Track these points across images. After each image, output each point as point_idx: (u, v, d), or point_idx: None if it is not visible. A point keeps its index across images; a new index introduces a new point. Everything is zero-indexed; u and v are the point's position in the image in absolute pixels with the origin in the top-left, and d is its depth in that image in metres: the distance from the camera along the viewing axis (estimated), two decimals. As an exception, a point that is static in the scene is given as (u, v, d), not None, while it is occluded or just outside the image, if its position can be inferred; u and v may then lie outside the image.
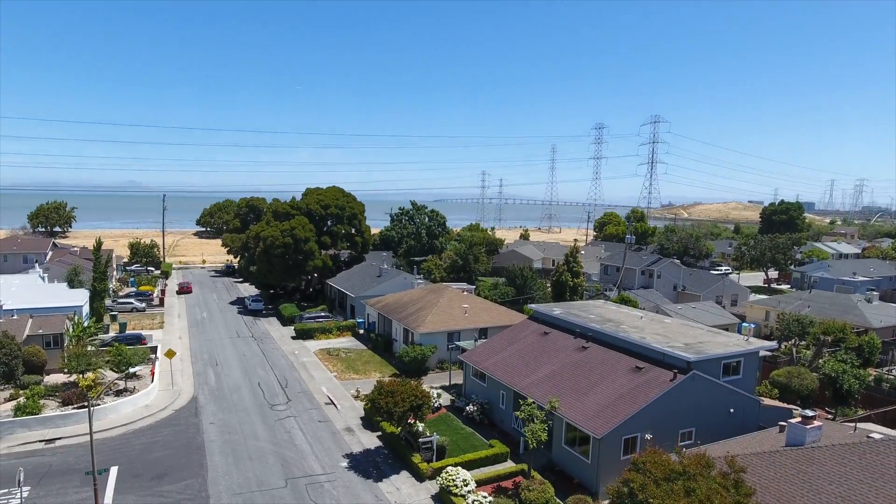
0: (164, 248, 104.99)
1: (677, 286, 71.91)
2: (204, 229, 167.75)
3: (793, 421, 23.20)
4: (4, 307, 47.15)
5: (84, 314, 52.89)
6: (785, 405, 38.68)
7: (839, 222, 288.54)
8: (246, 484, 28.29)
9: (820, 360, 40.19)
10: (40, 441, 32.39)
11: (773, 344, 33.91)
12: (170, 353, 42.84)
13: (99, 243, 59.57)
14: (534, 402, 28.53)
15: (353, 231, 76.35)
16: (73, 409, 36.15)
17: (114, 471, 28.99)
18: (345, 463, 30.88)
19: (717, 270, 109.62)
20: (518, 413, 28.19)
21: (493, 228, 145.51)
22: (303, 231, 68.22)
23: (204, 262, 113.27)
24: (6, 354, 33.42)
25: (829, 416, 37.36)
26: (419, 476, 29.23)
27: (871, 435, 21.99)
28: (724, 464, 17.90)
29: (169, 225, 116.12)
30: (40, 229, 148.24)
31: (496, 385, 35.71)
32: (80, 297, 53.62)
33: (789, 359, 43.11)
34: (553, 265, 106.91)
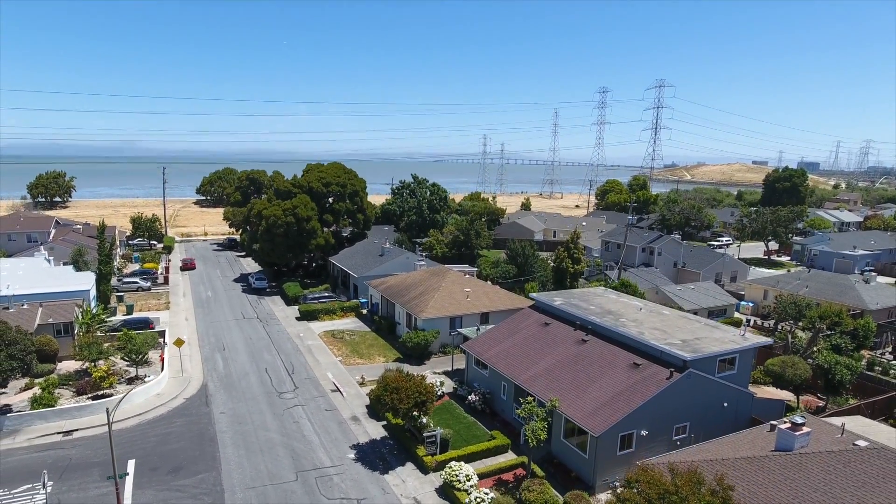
0: (165, 222, 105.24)
1: (677, 263, 72.46)
2: (204, 198, 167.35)
3: (782, 427, 24.10)
4: (15, 294, 47.86)
5: (91, 297, 53.73)
6: (778, 393, 39.86)
7: (843, 186, 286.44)
8: (258, 477, 29.60)
9: (814, 348, 41.06)
10: (58, 433, 33.64)
11: (769, 340, 34.63)
12: (179, 342, 43.81)
13: (103, 226, 59.87)
14: (534, 400, 29.49)
15: (354, 208, 76.41)
16: (88, 398, 37.37)
17: (131, 464, 30.27)
18: (352, 454, 32.17)
19: (719, 241, 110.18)
20: (519, 411, 29.18)
21: (494, 197, 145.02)
22: (305, 210, 68.36)
23: (206, 234, 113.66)
24: (21, 350, 34.30)
25: (821, 403, 38.56)
26: (424, 468, 30.50)
27: (856, 443, 22.91)
28: (713, 481, 18.81)
29: (169, 192, 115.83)
30: (40, 199, 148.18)
31: (497, 376, 36.70)
32: (86, 281, 54.27)
33: (784, 344, 44.03)
34: (554, 236, 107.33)
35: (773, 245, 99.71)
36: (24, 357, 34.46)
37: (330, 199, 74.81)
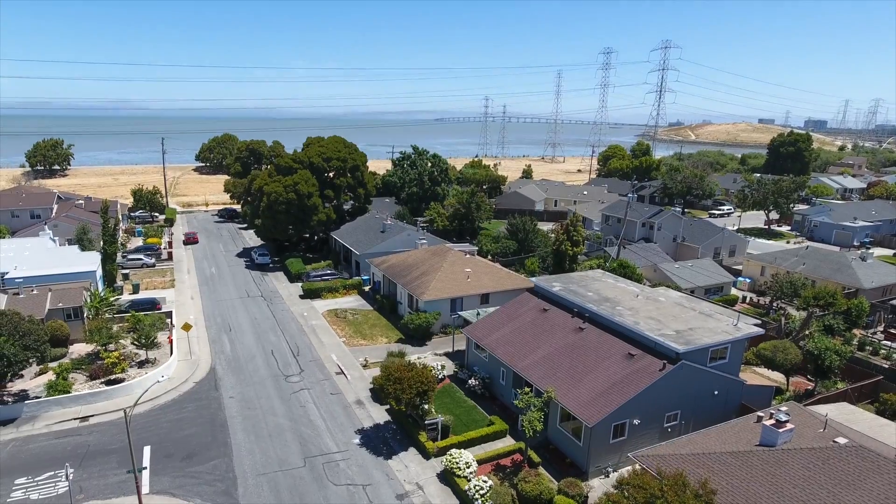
0: (166, 193, 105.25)
1: (677, 237, 72.88)
2: (204, 164, 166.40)
3: (767, 423, 25.21)
4: (24, 276, 48.74)
5: (98, 278, 54.67)
6: (769, 375, 41.13)
7: (849, 147, 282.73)
8: (268, 464, 31.11)
9: (807, 332, 42.04)
10: (75, 419, 35.08)
11: (760, 330, 35.52)
12: (186, 327, 44.92)
13: (106, 206, 60.20)
14: (531, 392, 30.63)
15: (355, 182, 76.40)
16: (101, 384, 38.74)
17: (147, 451, 31.75)
18: (357, 439, 33.64)
19: (720, 210, 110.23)
20: (517, 402, 30.38)
21: (495, 164, 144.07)
22: (306, 186, 68.41)
23: (207, 204, 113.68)
24: (35, 340, 35.35)
25: (810, 386, 39.82)
26: (425, 454, 31.96)
27: (837, 440, 24.03)
28: (697, 484, 19.99)
29: (168, 158, 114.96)
30: (39, 167, 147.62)
31: (497, 362, 37.83)
32: (92, 262, 55.00)
33: (777, 326, 45.02)
34: (555, 206, 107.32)
35: (774, 215, 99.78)
36: (38, 347, 35.56)
37: (331, 174, 74.74)
